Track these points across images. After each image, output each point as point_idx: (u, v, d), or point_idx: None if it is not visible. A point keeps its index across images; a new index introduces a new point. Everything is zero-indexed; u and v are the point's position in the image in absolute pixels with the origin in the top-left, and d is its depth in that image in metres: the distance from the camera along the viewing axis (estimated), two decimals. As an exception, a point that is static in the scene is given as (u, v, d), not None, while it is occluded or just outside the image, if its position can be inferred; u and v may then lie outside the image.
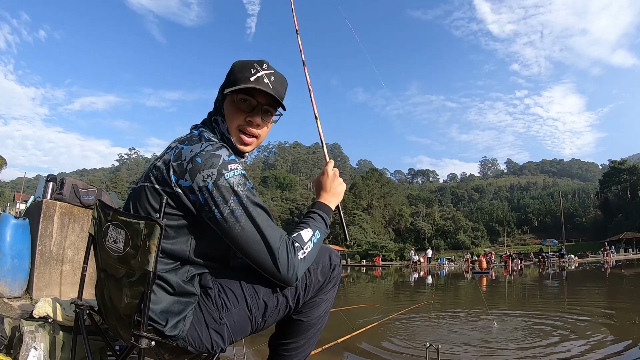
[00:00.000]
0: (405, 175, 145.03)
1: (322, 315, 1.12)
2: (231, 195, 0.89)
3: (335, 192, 1.16)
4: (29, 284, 3.32)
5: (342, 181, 1.19)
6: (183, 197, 0.90)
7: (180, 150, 0.93)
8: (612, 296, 6.98)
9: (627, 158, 77.95)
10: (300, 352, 1.13)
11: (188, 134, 1.04)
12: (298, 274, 0.94)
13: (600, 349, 2.78)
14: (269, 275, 0.94)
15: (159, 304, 0.90)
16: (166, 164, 0.92)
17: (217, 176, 0.89)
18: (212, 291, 0.98)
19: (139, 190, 0.95)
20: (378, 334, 3.48)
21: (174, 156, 0.92)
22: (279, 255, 0.90)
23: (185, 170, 0.89)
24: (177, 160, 0.91)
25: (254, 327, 1.02)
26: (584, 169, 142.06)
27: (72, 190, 3.63)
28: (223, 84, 1.06)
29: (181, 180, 0.89)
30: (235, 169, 0.92)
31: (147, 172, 0.96)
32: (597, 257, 29.94)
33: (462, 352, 2.83)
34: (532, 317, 4.65)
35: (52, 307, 1.50)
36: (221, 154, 0.92)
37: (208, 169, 0.89)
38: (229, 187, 0.89)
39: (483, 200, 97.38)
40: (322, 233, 1.04)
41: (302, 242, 0.96)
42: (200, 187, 0.88)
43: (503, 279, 13.59)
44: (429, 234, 61.93)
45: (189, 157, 0.90)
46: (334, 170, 1.19)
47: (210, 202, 0.88)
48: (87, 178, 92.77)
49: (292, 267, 0.92)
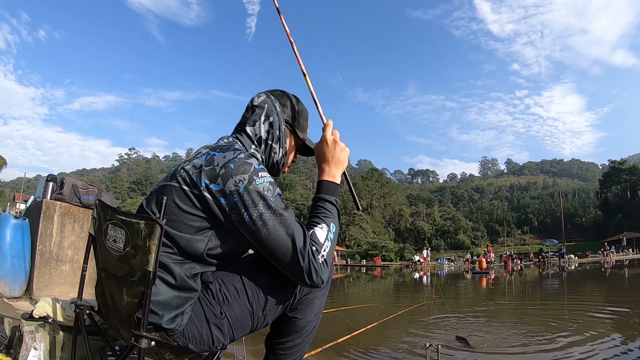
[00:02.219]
0: (405, 175, 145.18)
1: (317, 313, 1.14)
2: (260, 200, 0.93)
3: (338, 160, 1.11)
4: (29, 284, 3.32)
5: (344, 145, 1.13)
6: (210, 201, 0.93)
7: (213, 156, 0.97)
8: (612, 296, 6.97)
9: (627, 158, 77.99)
10: (296, 350, 1.13)
11: (217, 142, 1.11)
12: (323, 278, 0.95)
13: (605, 348, 2.78)
14: (296, 280, 0.96)
15: (158, 296, 0.90)
16: (197, 168, 0.96)
17: (248, 181, 0.93)
18: (213, 285, 0.98)
19: (165, 189, 0.97)
20: (378, 334, 3.48)
21: (205, 161, 0.96)
22: (303, 262, 0.93)
23: (217, 175, 0.93)
24: (209, 165, 0.95)
25: (254, 322, 1.02)
26: (584, 169, 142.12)
27: (72, 190, 3.63)
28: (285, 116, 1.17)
29: (213, 184, 0.93)
30: (265, 176, 0.96)
31: (174, 172, 0.99)
32: (597, 257, 29.94)
33: (463, 352, 2.83)
34: (532, 317, 4.65)
35: (52, 307, 1.50)
36: (252, 162, 0.97)
37: (240, 175, 0.93)
38: (259, 192, 0.93)
39: (483, 200, 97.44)
40: (337, 223, 1.03)
41: (319, 244, 0.96)
42: (232, 191, 0.92)
43: (503, 278, 13.59)
44: (429, 234, 61.97)
45: (221, 162, 0.95)
46: (334, 134, 1.13)
47: (240, 205, 0.92)
48: (87, 178, 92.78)
49: (314, 273, 0.93)
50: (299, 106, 1.21)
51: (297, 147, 1.24)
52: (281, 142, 1.15)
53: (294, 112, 1.19)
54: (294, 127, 1.19)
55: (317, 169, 1.13)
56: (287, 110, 1.18)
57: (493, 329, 3.73)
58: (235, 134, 1.15)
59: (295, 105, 1.20)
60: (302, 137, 1.21)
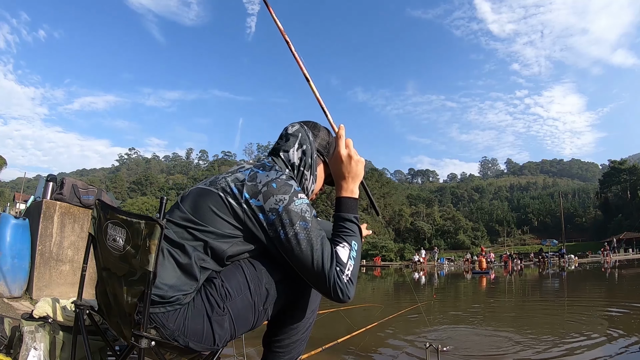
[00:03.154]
0: (405, 175, 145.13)
1: (313, 310, 1.16)
2: (298, 220, 0.98)
3: (355, 174, 1.09)
4: (29, 284, 3.32)
5: (359, 158, 1.09)
6: (248, 214, 0.99)
7: (256, 173, 1.03)
8: (613, 295, 6.97)
9: (627, 158, 78.10)
10: (293, 347, 1.15)
11: (260, 161, 1.18)
12: (349, 295, 0.98)
13: (607, 348, 2.78)
14: (324, 295, 1.01)
15: (163, 271, 0.93)
16: (240, 181, 1.02)
17: (288, 202, 0.98)
18: (217, 280, 1.00)
19: (204, 192, 1.03)
20: (378, 334, 3.48)
21: (249, 177, 1.02)
22: (328, 283, 0.97)
23: (259, 192, 0.99)
24: (252, 181, 1.01)
25: (255, 317, 1.04)
26: (584, 169, 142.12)
27: (72, 190, 3.63)
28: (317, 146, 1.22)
29: (253, 199, 0.99)
30: (304, 199, 1.02)
31: (214, 180, 1.06)
32: (597, 257, 29.96)
33: (463, 352, 2.82)
34: (533, 317, 4.65)
35: (52, 307, 1.50)
36: (292, 185, 1.03)
37: (282, 195, 0.99)
38: (297, 212, 0.98)
39: (483, 200, 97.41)
40: (358, 240, 1.05)
41: (342, 264, 0.99)
42: (272, 208, 0.98)
43: (503, 278, 13.59)
44: (429, 234, 61.97)
45: (264, 181, 1.01)
46: (347, 146, 1.09)
47: (278, 223, 0.98)
48: (87, 178, 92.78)
49: (340, 291, 0.97)
50: (330, 138, 1.28)
51: (326, 176, 1.28)
52: (312, 170, 1.19)
53: (325, 142, 1.26)
54: (324, 157, 1.25)
55: (335, 185, 1.12)
56: (319, 141, 1.24)
57: (493, 328, 3.73)
58: (270, 156, 1.20)
59: (327, 136, 1.27)
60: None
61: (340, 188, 1.09)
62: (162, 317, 0.93)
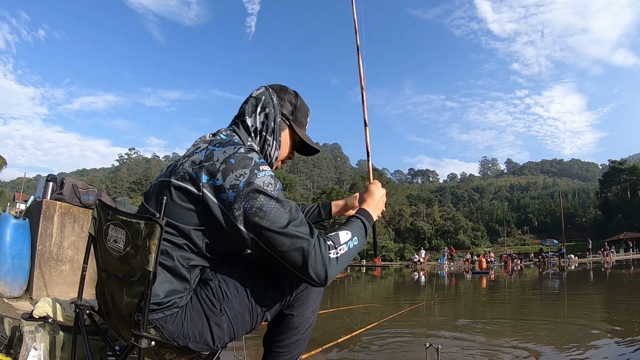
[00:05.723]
0: (405, 175, 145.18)
1: (314, 310, 1.15)
2: (260, 193, 0.91)
3: (379, 206, 1.20)
4: (29, 284, 3.32)
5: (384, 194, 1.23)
6: (210, 197, 0.92)
7: (212, 152, 0.95)
8: (613, 296, 6.97)
9: (627, 158, 77.96)
10: (294, 348, 1.14)
11: (215, 135, 1.09)
12: (329, 272, 0.90)
13: (607, 348, 2.78)
14: (300, 274, 0.91)
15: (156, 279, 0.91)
16: (196, 164, 0.94)
17: (249, 175, 0.91)
18: (213, 282, 0.99)
19: (163, 185, 0.97)
20: (378, 334, 3.48)
21: (205, 157, 0.95)
22: (308, 253, 0.89)
23: (217, 171, 0.92)
24: (208, 161, 0.93)
25: (253, 318, 1.03)
26: (584, 169, 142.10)
27: (72, 190, 3.63)
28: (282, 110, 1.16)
29: (212, 179, 0.92)
30: (266, 170, 0.95)
31: (173, 168, 0.98)
32: (597, 257, 29.93)
33: (463, 352, 2.82)
34: (533, 317, 4.65)
35: (52, 307, 1.50)
36: (253, 157, 0.95)
37: (241, 169, 0.92)
38: (260, 185, 0.91)
39: (483, 200, 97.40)
40: (361, 240, 1.01)
41: (337, 242, 0.93)
42: (233, 184, 0.91)
43: (503, 278, 13.59)
44: (429, 234, 61.92)
45: (222, 158, 0.93)
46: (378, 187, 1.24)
47: (241, 198, 0.90)
48: (87, 178, 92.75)
49: (321, 265, 0.89)
50: (297, 101, 1.19)
51: (293, 144, 1.21)
52: (275, 135, 1.12)
53: (292, 106, 1.17)
54: (290, 122, 1.17)
55: (359, 202, 1.21)
56: (285, 104, 1.16)
57: (494, 329, 3.73)
58: (232, 125, 1.14)
59: (293, 100, 1.18)
60: (300, 132, 1.19)
61: (365, 204, 1.17)
62: (162, 321, 0.93)
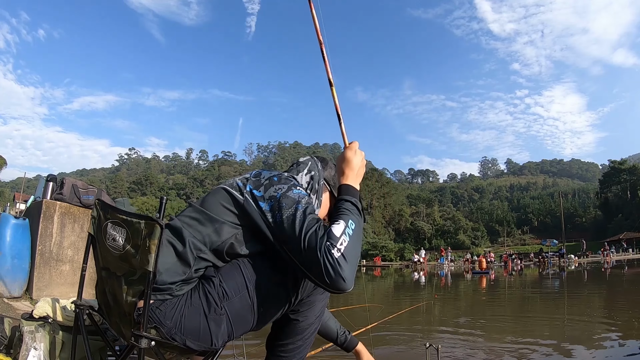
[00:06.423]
0: (405, 175, 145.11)
1: (319, 315, 1.15)
2: (294, 204, 1.01)
3: (360, 173, 1.17)
4: (29, 284, 3.32)
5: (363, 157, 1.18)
6: (250, 202, 1.05)
7: (260, 172, 1.15)
8: (613, 295, 6.98)
9: (627, 158, 77.92)
10: (297, 352, 1.14)
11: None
12: (343, 274, 0.89)
13: (607, 348, 2.78)
14: (320, 283, 0.93)
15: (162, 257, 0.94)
16: (245, 178, 1.12)
17: (287, 189, 1.05)
18: (215, 279, 1.00)
19: (216, 189, 1.11)
20: (378, 334, 3.47)
21: (254, 174, 1.14)
22: (320, 260, 0.90)
23: (261, 184, 1.08)
24: (256, 177, 1.11)
25: (254, 318, 1.03)
26: (584, 169, 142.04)
27: (72, 190, 3.63)
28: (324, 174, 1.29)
29: (255, 190, 1.06)
30: (302, 190, 1.08)
31: (225, 181, 1.16)
32: (597, 257, 29.95)
33: (463, 352, 2.82)
34: (533, 317, 4.65)
35: (52, 307, 1.50)
36: (294, 181, 1.11)
37: (281, 185, 1.07)
38: (294, 198, 1.03)
39: (483, 200, 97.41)
40: (356, 221, 1.00)
41: (334, 239, 0.92)
42: (271, 196, 1.04)
43: (503, 278, 13.60)
44: (429, 234, 61.98)
45: (267, 176, 1.11)
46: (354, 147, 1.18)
47: (276, 208, 1.01)
48: (87, 178, 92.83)
49: (331, 268, 0.89)
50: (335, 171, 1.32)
51: (331, 205, 1.31)
52: (318, 195, 1.24)
53: (332, 175, 1.33)
54: (331, 187, 1.31)
55: (338, 175, 1.18)
56: (327, 172, 1.32)
57: (493, 328, 3.73)
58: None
59: (334, 171, 1.33)
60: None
61: (344, 177, 1.13)
62: (159, 314, 0.93)
